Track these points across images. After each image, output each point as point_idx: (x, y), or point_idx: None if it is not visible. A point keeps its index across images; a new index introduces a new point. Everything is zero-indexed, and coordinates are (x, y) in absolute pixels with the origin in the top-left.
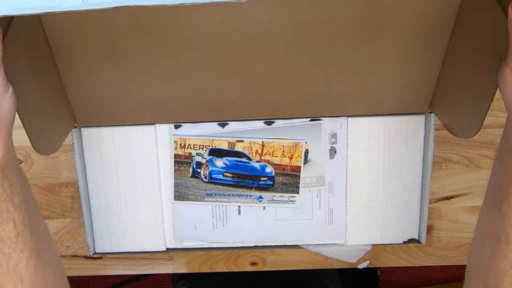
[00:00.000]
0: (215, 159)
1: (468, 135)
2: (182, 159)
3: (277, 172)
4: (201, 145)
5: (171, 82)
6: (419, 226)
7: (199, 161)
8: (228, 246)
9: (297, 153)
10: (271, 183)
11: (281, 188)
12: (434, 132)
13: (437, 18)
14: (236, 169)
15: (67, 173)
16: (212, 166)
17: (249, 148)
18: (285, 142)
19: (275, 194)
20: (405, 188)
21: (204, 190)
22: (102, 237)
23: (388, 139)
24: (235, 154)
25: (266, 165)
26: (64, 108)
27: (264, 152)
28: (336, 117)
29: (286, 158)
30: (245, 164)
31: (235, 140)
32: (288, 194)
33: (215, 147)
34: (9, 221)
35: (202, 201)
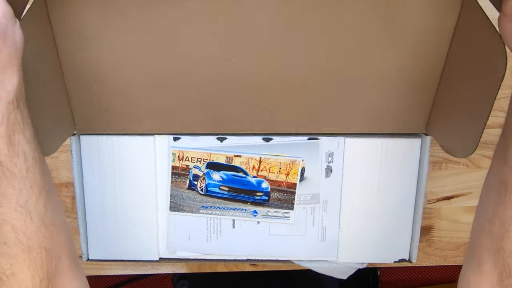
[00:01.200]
0: (212, 172)
1: (464, 154)
2: (179, 171)
3: (272, 188)
4: (199, 158)
5: (172, 93)
6: (410, 246)
7: (196, 173)
8: (221, 258)
9: (293, 170)
10: (266, 198)
11: (276, 203)
12: (429, 153)
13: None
14: (232, 183)
15: (67, 173)
16: (209, 179)
17: (246, 163)
18: (282, 159)
19: (269, 210)
20: (398, 209)
21: (199, 202)
22: (97, 244)
23: (384, 160)
24: (232, 168)
25: (263, 180)
26: (64, 113)
27: (261, 167)
28: (334, 137)
29: (283, 175)
30: (242, 178)
31: (233, 155)
32: (283, 210)
33: (212, 161)
34: (20, 154)
35: (197, 213)
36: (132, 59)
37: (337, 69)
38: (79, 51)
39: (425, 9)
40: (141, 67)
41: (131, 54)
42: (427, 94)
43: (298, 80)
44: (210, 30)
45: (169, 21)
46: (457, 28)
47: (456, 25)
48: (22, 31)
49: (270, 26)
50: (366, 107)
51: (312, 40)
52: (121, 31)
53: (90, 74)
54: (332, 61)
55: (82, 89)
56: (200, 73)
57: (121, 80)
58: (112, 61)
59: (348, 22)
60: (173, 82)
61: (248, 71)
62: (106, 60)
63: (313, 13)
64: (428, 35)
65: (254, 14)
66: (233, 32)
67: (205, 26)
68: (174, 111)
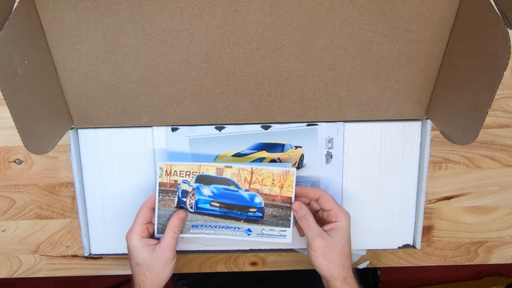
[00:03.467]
0: (202, 186)
1: (465, 141)
2: (167, 187)
3: (266, 203)
4: (188, 171)
5: (169, 85)
6: (414, 231)
7: (185, 189)
8: (223, 249)
9: (287, 182)
10: (260, 214)
11: (271, 221)
12: (430, 138)
13: (433, 24)
14: (224, 198)
15: (67, 173)
16: (198, 194)
17: (237, 174)
18: (275, 170)
19: (264, 228)
20: (400, 194)
21: (189, 221)
22: (98, 239)
23: (384, 145)
24: (223, 181)
25: (256, 194)
26: (61, 109)
27: (253, 180)
28: (333, 122)
29: (276, 188)
30: (234, 193)
31: (224, 166)
32: (279, 228)
33: (202, 173)
34: None
35: (187, 233)
36: (127, 55)
37: (334, 59)
38: (71, 48)
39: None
40: (136, 62)
41: (125, 50)
42: (427, 81)
43: (295, 71)
44: (205, 22)
45: (162, 16)
46: (459, 14)
47: (458, 10)
48: (11, 29)
49: (266, 18)
50: (364, 96)
51: (308, 31)
52: (111, 29)
53: (85, 70)
54: (329, 52)
55: (77, 85)
56: (196, 65)
57: (117, 75)
58: (106, 58)
59: (345, 12)
60: (169, 76)
61: (244, 62)
62: (100, 57)
63: (310, 4)
64: (428, 22)
65: (250, 5)
66: (228, 24)
67: (200, 18)
68: (171, 104)
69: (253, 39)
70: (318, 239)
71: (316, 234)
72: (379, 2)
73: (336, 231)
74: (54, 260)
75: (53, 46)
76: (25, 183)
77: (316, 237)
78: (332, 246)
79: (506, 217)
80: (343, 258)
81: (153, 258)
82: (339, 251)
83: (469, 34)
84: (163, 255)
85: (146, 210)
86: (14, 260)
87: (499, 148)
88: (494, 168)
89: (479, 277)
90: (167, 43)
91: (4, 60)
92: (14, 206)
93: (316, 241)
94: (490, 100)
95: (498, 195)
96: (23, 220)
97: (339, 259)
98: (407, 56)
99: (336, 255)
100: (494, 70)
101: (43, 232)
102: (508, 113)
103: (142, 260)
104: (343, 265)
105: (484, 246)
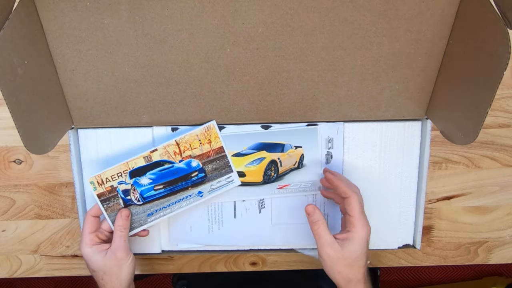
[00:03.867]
0: (139, 178)
1: (465, 141)
2: (107, 195)
3: (204, 162)
4: (119, 173)
5: (169, 85)
6: (414, 231)
7: (124, 188)
8: (223, 249)
9: (213, 135)
10: (203, 174)
11: (215, 174)
12: (430, 138)
13: (433, 24)
14: (163, 178)
15: (67, 173)
16: (139, 187)
17: (166, 153)
18: (197, 131)
19: (212, 183)
20: (400, 194)
21: (143, 213)
22: None
23: (384, 145)
24: (155, 165)
25: (191, 160)
26: (61, 109)
27: (182, 149)
28: (333, 122)
29: (206, 145)
30: (170, 169)
31: (149, 152)
32: (224, 177)
33: (133, 168)
34: None
35: (146, 223)
36: (127, 55)
37: (334, 59)
38: (71, 48)
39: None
40: (136, 62)
41: (125, 50)
42: (427, 81)
43: (295, 71)
44: (205, 22)
45: (162, 16)
46: (459, 14)
47: (458, 10)
48: (11, 29)
49: (266, 18)
50: (364, 96)
51: (308, 31)
52: (111, 29)
53: (85, 70)
54: (329, 52)
55: (77, 85)
56: (196, 65)
57: (117, 75)
58: (106, 58)
59: (345, 12)
60: (169, 76)
61: (244, 62)
62: (100, 57)
63: (310, 4)
64: (428, 22)
65: (250, 5)
66: (228, 24)
67: (200, 18)
68: (171, 104)
69: (253, 39)
70: (327, 249)
71: (326, 244)
72: (379, 2)
73: (349, 242)
74: (54, 260)
75: (53, 46)
76: (25, 183)
77: (325, 247)
78: (341, 258)
79: (506, 217)
80: (351, 272)
81: (106, 261)
82: (348, 264)
83: (469, 34)
84: (114, 256)
85: (91, 219)
86: (14, 260)
87: (499, 148)
88: (494, 168)
89: (479, 277)
90: (167, 43)
91: (4, 60)
92: (14, 206)
93: (325, 250)
94: (490, 100)
95: (498, 195)
96: (23, 220)
97: (347, 272)
98: (407, 56)
99: (344, 268)
100: (494, 70)
101: (43, 232)
102: (508, 113)
103: (96, 266)
104: (349, 279)
105: (484, 246)
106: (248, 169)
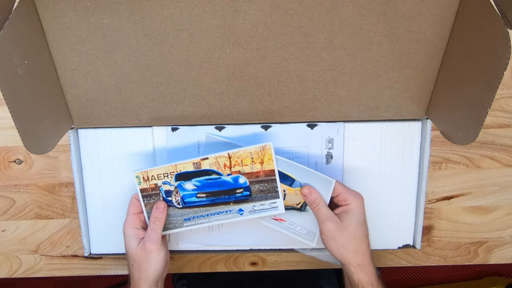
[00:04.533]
0: (184, 183)
1: (465, 141)
2: (149, 192)
3: (251, 181)
4: (165, 173)
5: (169, 85)
6: (414, 231)
7: (167, 189)
8: (223, 249)
9: (266, 156)
10: (248, 193)
11: (260, 196)
12: (430, 138)
13: (433, 24)
14: (208, 187)
15: (67, 173)
16: (182, 190)
17: (216, 163)
18: (251, 148)
19: (255, 204)
20: (400, 194)
21: (180, 216)
22: (98, 238)
23: (384, 145)
24: (203, 173)
25: (239, 176)
26: (61, 109)
27: (233, 163)
28: (333, 122)
29: (257, 164)
30: (216, 180)
31: (200, 159)
32: (269, 201)
33: (180, 171)
34: None
35: (181, 227)
36: (127, 55)
37: (334, 59)
38: (71, 48)
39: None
40: (136, 62)
41: (125, 50)
42: (427, 81)
43: (295, 71)
44: (205, 22)
45: (162, 16)
46: (459, 14)
47: (458, 10)
48: (11, 29)
49: (266, 18)
50: (364, 96)
51: (308, 31)
52: (111, 29)
53: (85, 70)
54: (329, 52)
55: (77, 85)
56: (196, 65)
57: (117, 75)
58: (106, 58)
59: (345, 12)
60: (169, 76)
61: (244, 62)
62: (100, 57)
63: (310, 4)
64: (428, 22)
65: (250, 5)
66: (228, 24)
67: (200, 18)
68: (171, 104)
69: (253, 39)
70: (327, 223)
71: (325, 218)
72: (379, 2)
73: (346, 214)
74: (54, 260)
75: (53, 46)
76: (25, 183)
77: (325, 221)
78: (342, 229)
79: (506, 217)
80: (355, 243)
81: (137, 250)
82: (349, 234)
83: (469, 34)
84: (144, 247)
85: (134, 201)
86: (14, 260)
87: (499, 148)
88: (494, 168)
89: (479, 277)
90: (167, 43)
91: (4, 60)
92: (14, 206)
93: (325, 225)
94: (490, 100)
95: (498, 195)
96: (23, 220)
97: (351, 243)
98: (407, 56)
99: (347, 239)
100: (494, 70)
101: (43, 232)
102: (508, 113)
103: (129, 252)
104: (355, 250)
105: (484, 246)
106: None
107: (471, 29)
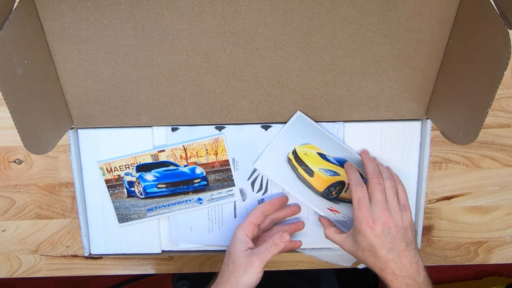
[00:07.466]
0: (144, 174)
1: (465, 141)
2: (113, 183)
3: (208, 171)
4: (127, 165)
5: (169, 85)
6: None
7: (130, 180)
8: (223, 249)
9: (220, 148)
10: (205, 183)
11: (217, 185)
12: (430, 138)
13: (433, 24)
14: (167, 178)
15: (67, 173)
16: (143, 181)
17: (173, 155)
18: (205, 140)
19: (212, 193)
20: None
21: (143, 206)
22: (98, 239)
23: (384, 145)
24: (161, 164)
25: (195, 167)
26: (61, 109)
27: (189, 155)
28: (333, 122)
29: (212, 155)
30: (174, 171)
31: (157, 151)
32: (225, 189)
33: (140, 163)
34: None
35: (144, 217)
36: (127, 55)
37: (334, 59)
38: (71, 48)
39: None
40: (136, 62)
41: (125, 50)
42: (427, 81)
43: (295, 71)
44: (205, 22)
45: (162, 16)
46: (459, 14)
47: (458, 10)
48: (11, 29)
49: (266, 18)
50: (364, 96)
51: (308, 31)
52: (111, 29)
53: (85, 70)
54: (329, 52)
55: (77, 85)
56: (196, 65)
57: (117, 75)
58: (106, 58)
59: (345, 12)
60: (169, 76)
61: (244, 62)
62: (100, 57)
63: (310, 4)
64: (428, 22)
65: (250, 5)
66: (228, 24)
67: (200, 18)
68: (171, 104)
69: (253, 39)
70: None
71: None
72: (379, 2)
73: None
74: (54, 260)
75: (53, 46)
76: (25, 183)
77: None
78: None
79: (506, 217)
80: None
81: (241, 255)
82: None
83: (469, 34)
84: (249, 257)
85: (259, 213)
86: (14, 260)
87: (499, 148)
88: (494, 168)
89: (479, 277)
90: (167, 43)
91: (4, 60)
92: (14, 206)
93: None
94: (490, 100)
95: (498, 195)
96: (23, 220)
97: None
98: (407, 56)
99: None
100: (494, 70)
101: (43, 232)
102: (508, 113)
103: (232, 252)
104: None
105: (484, 246)
106: (319, 174)
107: (471, 29)
